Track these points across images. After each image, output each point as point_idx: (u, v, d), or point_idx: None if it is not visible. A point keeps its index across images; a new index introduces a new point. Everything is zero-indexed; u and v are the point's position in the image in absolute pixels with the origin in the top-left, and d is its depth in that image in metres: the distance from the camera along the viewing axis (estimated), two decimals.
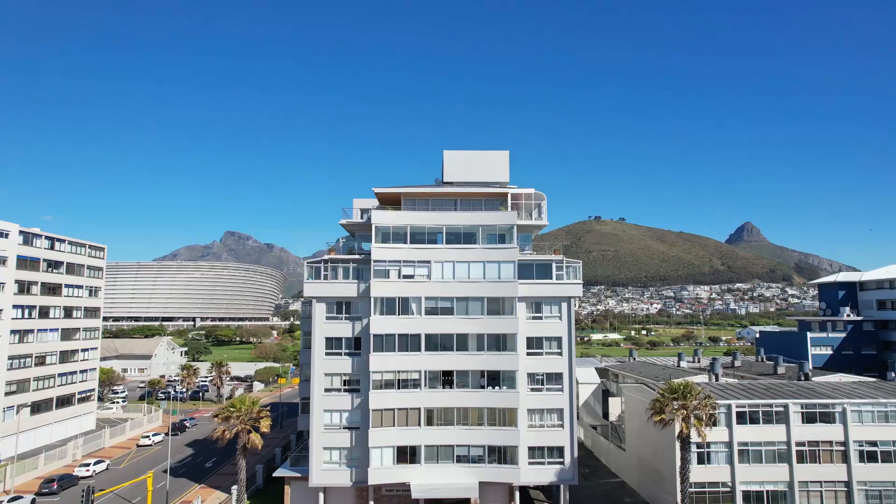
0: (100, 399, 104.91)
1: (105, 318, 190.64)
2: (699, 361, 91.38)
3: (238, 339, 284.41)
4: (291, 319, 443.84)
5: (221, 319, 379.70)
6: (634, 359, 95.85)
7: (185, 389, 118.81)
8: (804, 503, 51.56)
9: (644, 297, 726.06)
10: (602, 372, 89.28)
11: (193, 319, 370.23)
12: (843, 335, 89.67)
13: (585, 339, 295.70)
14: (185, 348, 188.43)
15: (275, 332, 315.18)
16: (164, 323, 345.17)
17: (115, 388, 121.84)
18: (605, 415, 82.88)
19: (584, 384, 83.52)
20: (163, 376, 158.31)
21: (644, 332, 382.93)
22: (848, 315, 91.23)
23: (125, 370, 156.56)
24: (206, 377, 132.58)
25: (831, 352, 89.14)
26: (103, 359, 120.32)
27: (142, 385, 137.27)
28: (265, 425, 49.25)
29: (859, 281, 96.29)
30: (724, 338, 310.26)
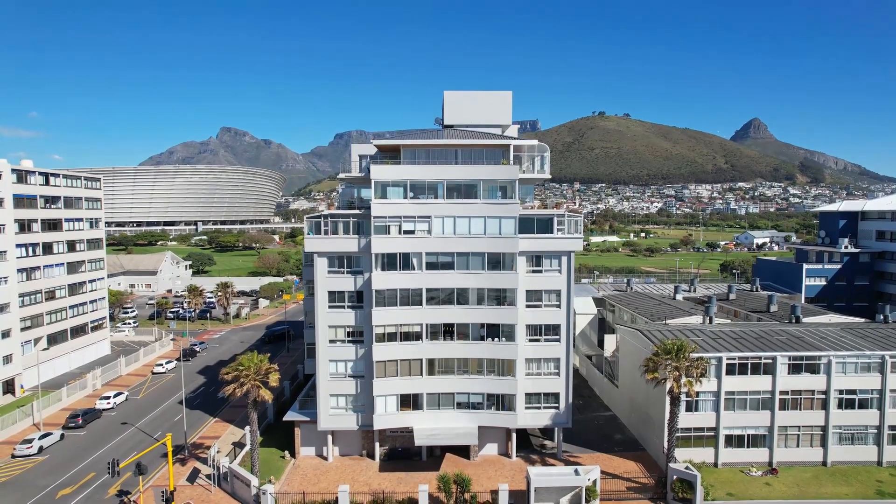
0: (111, 319, 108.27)
1: (107, 224, 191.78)
2: (695, 291, 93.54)
3: (241, 244, 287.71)
4: (293, 220, 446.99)
5: (223, 223, 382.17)
6: (632, 289, 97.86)
7: (192, 309, 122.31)
8: (781, 444, 55.11)
9: (645, 196, 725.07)
10: (599, 301, 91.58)
11: (195, 223, 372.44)
12: (839, 266, 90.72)
13: (584, 242, 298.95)
14: (189, 262, 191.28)
15: (276, 237, 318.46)
16: (167, 228, 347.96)
17: (126, 307, 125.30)
18: (601, 344, 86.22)
19: (582, 315, 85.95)
20: (169, 290, 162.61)
21: (643, 234, 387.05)
22: (846, 247, 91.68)
23: (132, 286, 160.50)
24: (212, 294, 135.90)
25: (825, 283, 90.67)
26: (110, 275, 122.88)
27: (150, 302, 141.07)
28: (274, 379, 51.34)
29: (861, 210, 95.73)
30: (721, 242, 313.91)
